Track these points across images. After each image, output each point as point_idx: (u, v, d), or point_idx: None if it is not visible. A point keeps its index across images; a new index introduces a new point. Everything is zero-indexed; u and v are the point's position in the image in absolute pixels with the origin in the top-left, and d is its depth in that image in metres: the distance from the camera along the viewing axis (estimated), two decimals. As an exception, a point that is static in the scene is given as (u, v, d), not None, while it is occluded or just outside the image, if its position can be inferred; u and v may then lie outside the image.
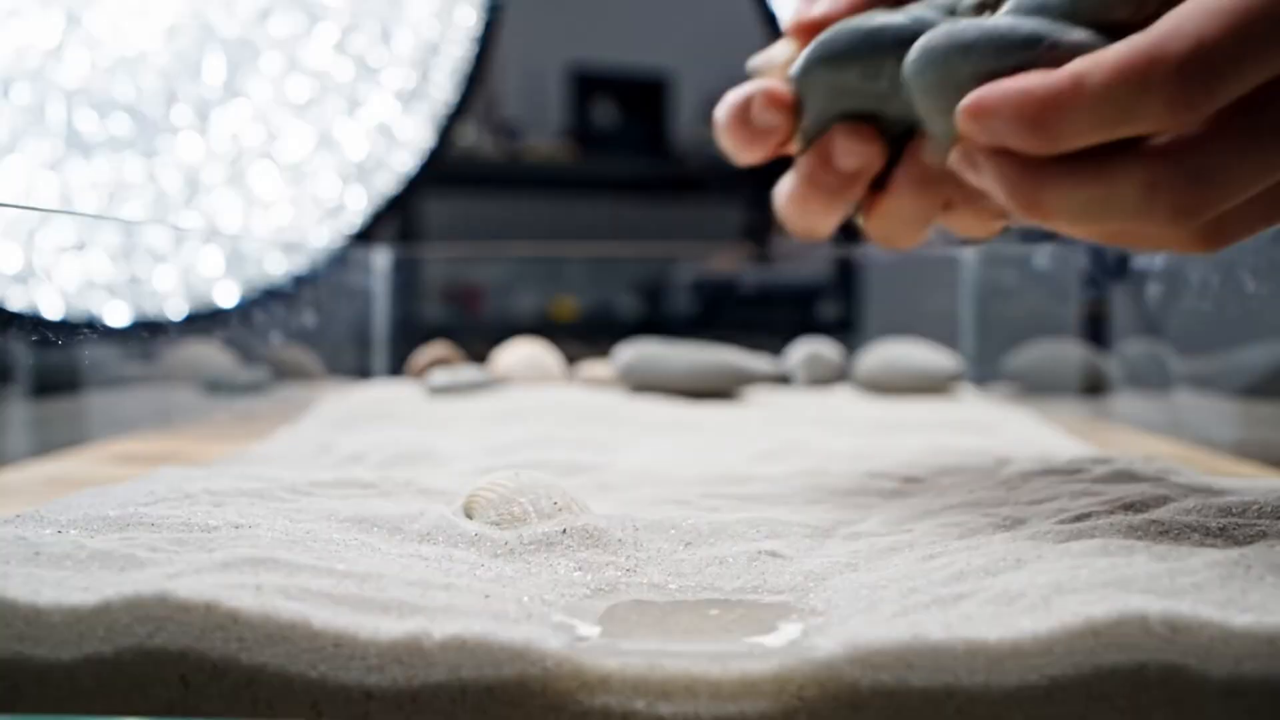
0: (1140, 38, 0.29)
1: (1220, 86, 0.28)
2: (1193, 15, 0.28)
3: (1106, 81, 0.29)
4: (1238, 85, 0.28)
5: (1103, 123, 0.29)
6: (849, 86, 0.40)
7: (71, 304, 1.11)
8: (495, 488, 0.38)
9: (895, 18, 0.38)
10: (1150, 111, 0.29)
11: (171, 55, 1.29)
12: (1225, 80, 0.28)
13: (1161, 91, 0.28)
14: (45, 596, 0.25)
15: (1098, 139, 0.30)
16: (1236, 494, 0.40)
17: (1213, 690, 0.23)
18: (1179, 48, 0.28)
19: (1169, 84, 0.28)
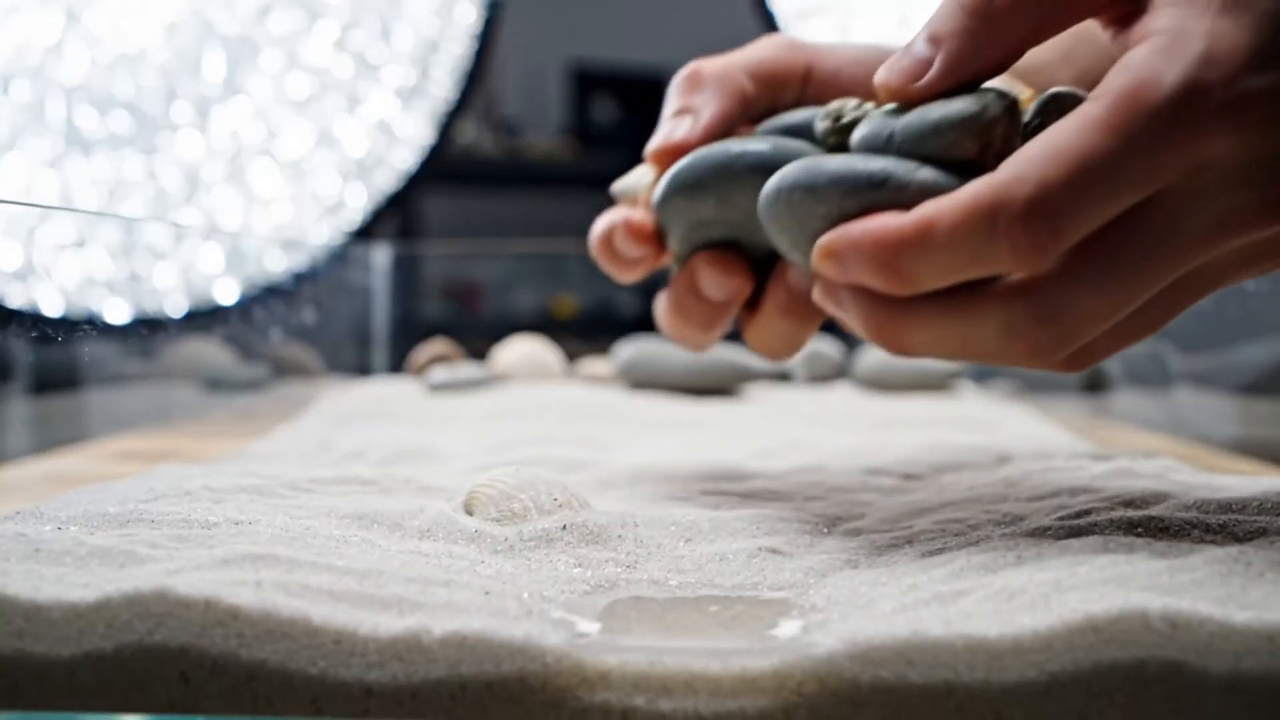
0: (985, 183, 0.29)
1: (1065, 230, 0.28)
2: (1035, 160, 0.29)
3: (954, 227, 0.29)
4: (1082, 227, 0.29)
5: (953, 266, 0.30)
6: (706, 217, 0.40)
7: (71, 301, 1.11)
8: (496, 484, 0.38)
9: (752, 145, 0.38)
10: (999, 255, 0.29)
11: (171, 52, 1.29)
12: (1070, 224, 0.28)
13: (1008, 236, 0.28)
14: (45, 593, 0.25)
15: (950, 281, 0.30)
16: (1236, 491, 0.40)
17: (1212, 686, 0.23)
18: (1023, 193, 0.28)
19: (1015, 229, 0.28)
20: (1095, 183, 0.28)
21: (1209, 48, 0.28)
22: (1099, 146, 0.28)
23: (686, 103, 0.42)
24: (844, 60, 0.45)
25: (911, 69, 0.33)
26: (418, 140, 1.46)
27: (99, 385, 0.75)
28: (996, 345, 0.31)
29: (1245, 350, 0.72)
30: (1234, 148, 0.28)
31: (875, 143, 0.34)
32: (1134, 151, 0.28)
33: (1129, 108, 0.28)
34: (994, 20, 0.32)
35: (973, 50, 0.32)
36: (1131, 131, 0.28)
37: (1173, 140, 0.28)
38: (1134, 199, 0.29)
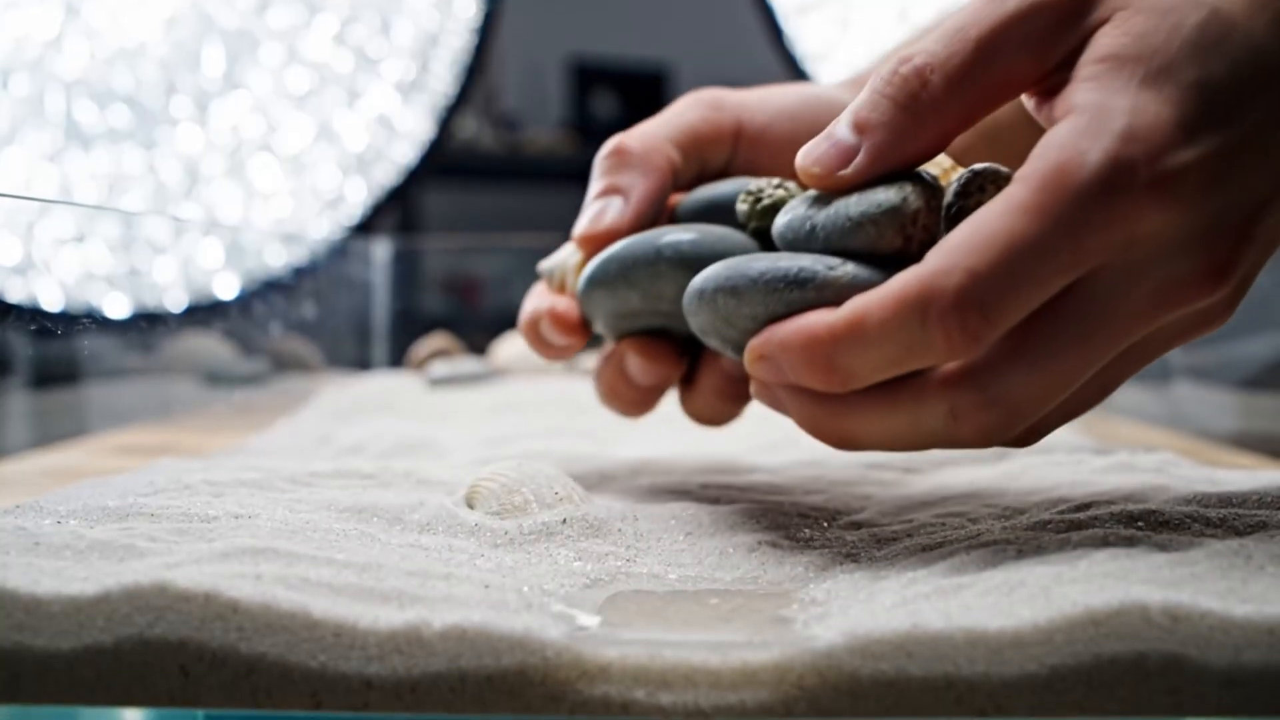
0: (914, 274, 0.29)
1: (998, 318, 0.28)
2: (962, 248, 0.28)
3: (885, 320, 0.29)
4: (1015, 313, 0.28)
5: (888, 360, 0.29)
6: (632, 309, 0.40)
7: (71, 295, 1.11)
8: (497, 477, 0.38)
9: (674, 237, 0.38)
10: (933, 347, 0.28)
11: (171, 46, 1.29)
12: (1002, 311, 0.28)
13: (940, 328, 0.28)
14: (45, 586, 0.25)
15: (887, 375, 0.30)
16: (1236, 485, 0.40)
17: (1213, 680, 0.23)
18: (952, 283, 0.28)
19: (947, 320, 0.28)
20: (1024, 268, 0.28)
21: (1131, 123, 0.28)
22: (1026, 231, 0.28)
23: (613, 182, 0.42)
24: (772, 114, 0.44)
25: (836, 158, 0.33)
26: (417, 134, 1.46)
27: (98, 380, 0.75)
28: (944, 431, 0.30)
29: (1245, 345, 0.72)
30: (1164, 223, 0.28)
31: (797, 235, 0.34)
32: (1061, 234, 0.28)
33: (1054, 190, 0.28)
34: (921, 112, 0.32)
35: (899, 141, 0.32)
36: (1058, 214, 0.28)
37: (1100, 220, 0.28)
38: (1066, 280, 0.28)
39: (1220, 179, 0.29)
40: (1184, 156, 0.28)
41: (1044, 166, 0.28)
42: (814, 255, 0.33)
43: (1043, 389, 0.29)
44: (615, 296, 0.39)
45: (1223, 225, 0.29)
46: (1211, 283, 0.29)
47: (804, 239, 0.34)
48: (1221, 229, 0.29)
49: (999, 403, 0.29)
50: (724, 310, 0.33)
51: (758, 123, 0.44)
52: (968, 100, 0.32)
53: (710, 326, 0.35)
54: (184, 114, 1.30)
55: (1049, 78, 0.32)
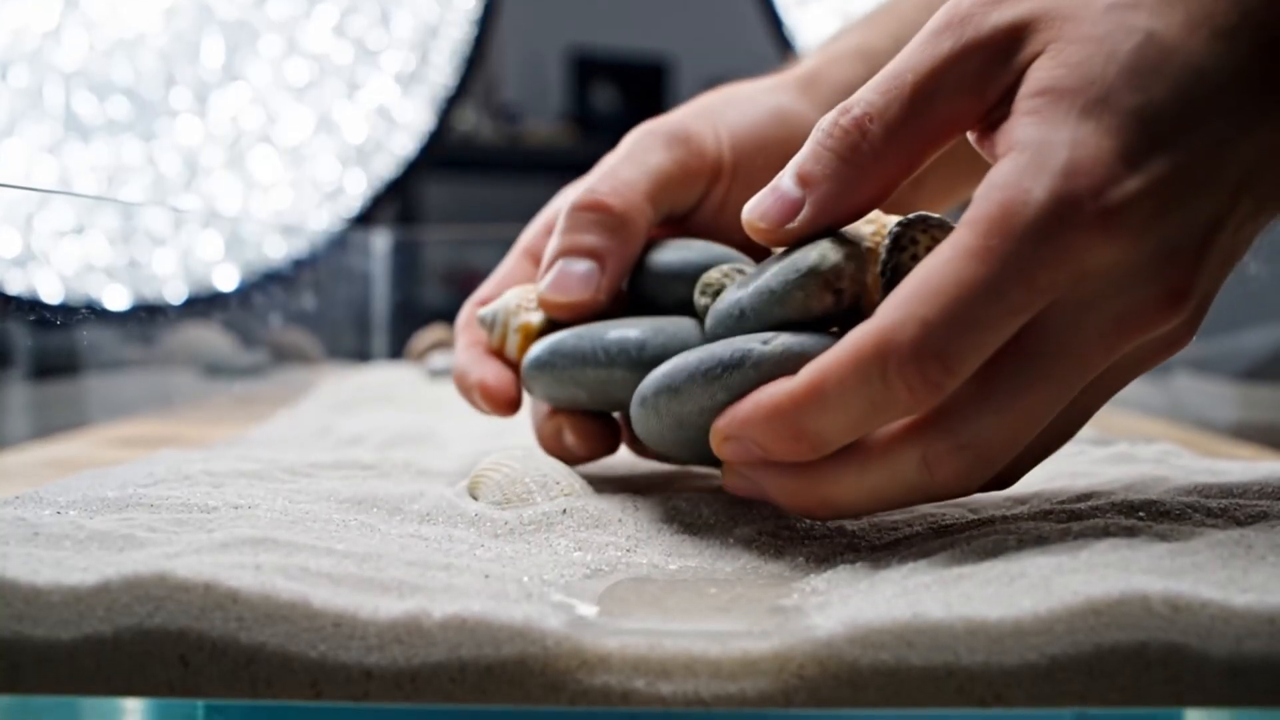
0: (867, 330, 0.29)
1: (956, 365, 0.28)
2: (913, 298, 0.28)
3: (845, 379, 0.29)
4: (974, 357, 0.28)
5: (854, 419, 0.29)
6: (575, 401, 0.40)
7: (71, 287, 1.11)
8: (501, 467, 0.38)
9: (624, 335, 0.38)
10: (896, 400, 0.28)
11: (170, 37, 1.28)
12: (959, 357, 0.28)
13: (900, 380, 0.28)
14: (44, 576, 0.25)
15: (855, 434, 0.30)
16: (1236, 475, 0.40)
17: (1213, 669, 0.23)
18: (906, 335, 0.28)
19: (906, 371, 0.28)
20: (977, 312, 0.28)
21: (1072, 157, 0.28)
22: (975, 275, 0.28)
23: (588, 243, 0.41)
24: (743, 147, 0.44)
25: (781, 212, 0.33)
26: (417, 126, 1.45)
27: (98, 371, 0.75)
28: (919, 482, 0.30)
29: (1244, 336, 0.72)
30: (1115, 254, 0.28)
31: (729, 321, 0.34)
32: (1011, 275, 0.27)
33: (1000, 231, 0.28)
34: (863, 163, 0.32)
35: (843, 192, 0.32)
36: (1005, 255, 0.27)
37: (1049, 258, 0.27)
38: (1021, 320, 0.28)
39: (1169, 204, 0.28)
40: (1129, 186, 0.28)
41: (988, 208, 0.28)
42: (747, 335, 0.33)
43: (1012, 429, 0.29)
44: (561, 388, 0.39)
45: (1176, 250, 0.29)
46: (1170, 308, 0.29)
47: (736, 322, 0.34)
48: (1175, 253, 0.29)
49: (970, 446, 0.29)
50: (669, 412, 0.34)
51: (727, 161, 0.44)
52: (909, 147, 0.32)
53: (661, 431, 0.35)
54: (183, 105, 1.30)
55: (990, 114, 0.31)
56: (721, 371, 0.32)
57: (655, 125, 0.44)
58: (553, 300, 0.41)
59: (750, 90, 0.47)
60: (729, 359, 0.32)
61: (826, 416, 0.29)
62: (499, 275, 0.47)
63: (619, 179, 0.42)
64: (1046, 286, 0.28)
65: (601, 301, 0.41)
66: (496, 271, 0.48)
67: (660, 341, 0.37)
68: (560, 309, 0.41)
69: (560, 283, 0.41)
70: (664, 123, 0.44)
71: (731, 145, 0.44)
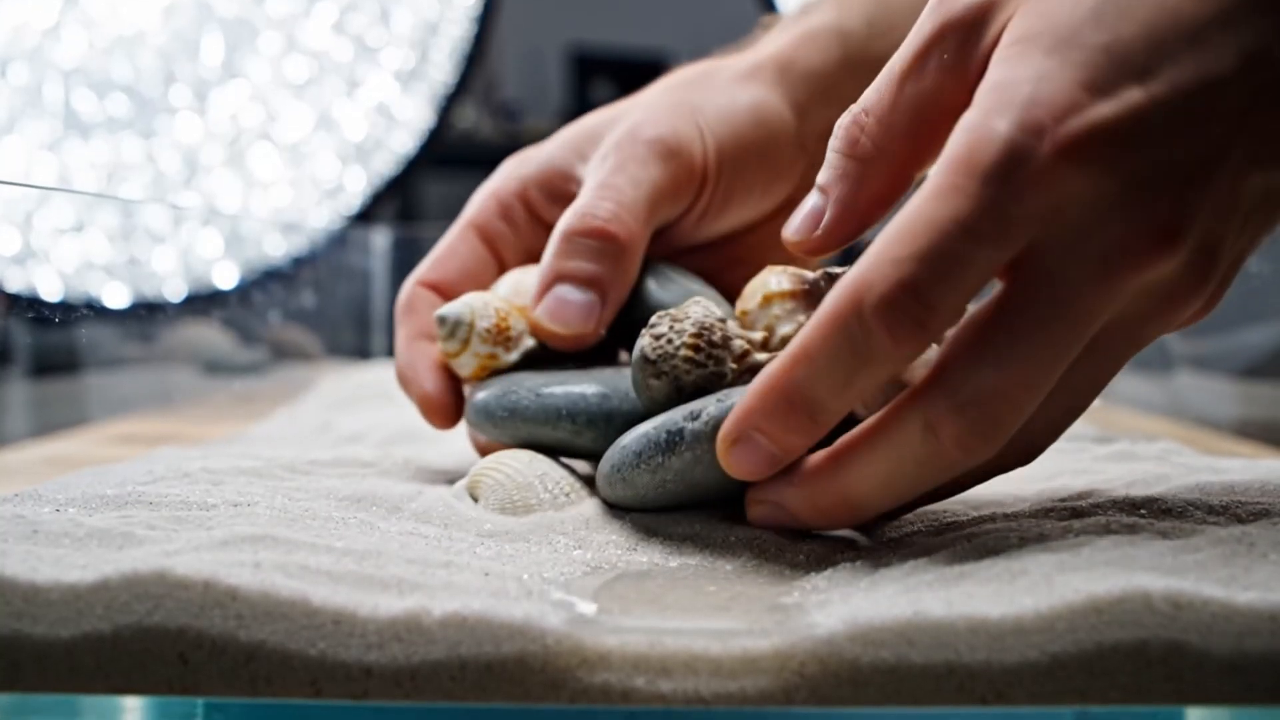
0: (843, 283, 0.29)
1: (935, 300, 0.27)
2: (883, 243, 0.28)
3: (826, 335, 0.29)
4: (953, 295, 0.28)
5: (845, 375, 0.29)
6: (523, 443, 0.40)
7: (70, 285, 1.11)
8: (501, 466, 0.37)
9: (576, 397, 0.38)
10: (880, 345, 0.28)
11: (169, 35, 1.28)
12: (937, 294, 0.27)
13: (879, 322, 0.28)
14: (43, 574, 0.25)
15: (852, 392, 0.29)
16: (1238, 473, 0.40)
17: (1215, 667, 0.23)
18: (879, 277, 0.28)
19: (883, 313, 0.28)
20: (949, 247, 0.27)
21: (1035, 91, 0.28)
22: (943, 212, 0.27)
23: (592, 271, 0.41)
24: (729, 152, 0.44)
25: (808, 221, 0.34)
26: (417, 123, 1.45)
27: (98, 369, 0.75)
28: (927, 452, 0.29)
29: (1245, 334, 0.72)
30: (1085, 183, 0.27)
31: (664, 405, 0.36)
32: (980, 208, 0.27)
33: (966, 167, 0.27)
34: (866, 156, 0.32)
35: (856, 187, 0.33)
36: (971, 190, 0.27)
37: (1018, 188, 0.27)
38: (998, 256, 0.28)
39: (1143, 136, 0.28)
40: (1096, 113, 0.27)
41: (955, 150, 0.28)
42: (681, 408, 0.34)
43: (1012, 384, 0.28)
44: (510, 438, 0.40)
45: (1156, 184, 0.28)
46: (1158, 246, 0.28)
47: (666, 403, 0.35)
48: (1155, 188, 0.28)
49: (972, 404, 0.28)
50: (632, 486, 0.35)
51: (712, 170, 0.44)
52: (906, 133, 0.32)
53: (636, 501, 0.35)
54: (183, 103, 1.29)
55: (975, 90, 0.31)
56: (661, 456, 0.33)
57: (643, 130, 0.43)
58: (549, 329, 0.41)
59: (727, 78, 0.47)
60: (664, 443, 0.33)
61: (817, 378, 0.29)
62: (442, 251, 0.46)
63: (620, 201, 0.41)
64: (1019, 219, 0.27)
65: (600, 335, 0.41)
66: (439, 246, 0.47)
67: (613, 405, 0.38)
68: (556, 339, 0.41)
69: (559, 312, 0.41)
70: (652, 127, 0.43)
71: (716, 152, 0.44)
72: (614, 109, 0.47)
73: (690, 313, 0.36)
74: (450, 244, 0.47)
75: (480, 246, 0.46)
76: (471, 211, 0.47)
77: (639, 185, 0.42)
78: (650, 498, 0.35)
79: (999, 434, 0.29)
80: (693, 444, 0.33)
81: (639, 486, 0.34)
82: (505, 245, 0.47)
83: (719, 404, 0.33)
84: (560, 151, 0.46)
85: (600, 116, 0.47)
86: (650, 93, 0.47)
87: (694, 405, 0.33)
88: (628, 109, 0.46)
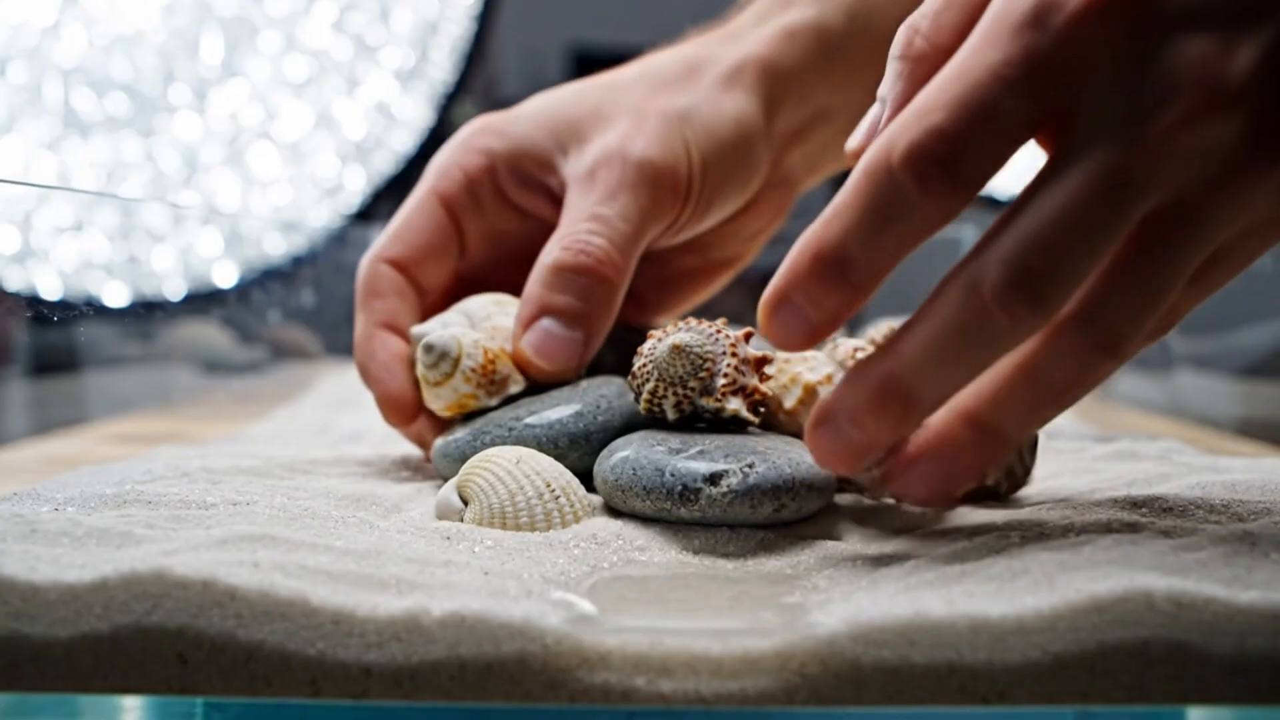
0: (873, 144, 0.29)
1: (962, 144, 0.27)
2: (914, 102, 0.28)
3: (856, 188, 0.28)
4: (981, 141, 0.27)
5: (877, 228, 0.28)
6: None
7: (70, 284, 1.11)
8: (492, 469, 0.36)
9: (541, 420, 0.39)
10: (908, 193, 0.27)
11: (169, 34, 1.28)
12: (965, 137, 0.27)
13: (907, 169, 0.27)
14: (42, 573, 0.25)
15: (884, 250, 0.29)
16: (1239, 472, 0.40)
17: (1217, 667, 0.23)
18: (906, 124, 0.28)
19: (910, 159, 0.27)
20: (977, 95, 0.27)
21: None
22: (972, 61, 0.28)
23: (576, 308, 0.41)
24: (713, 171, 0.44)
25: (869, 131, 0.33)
26: (417, 122, 1.45)
27: (97, 368, 0.75)
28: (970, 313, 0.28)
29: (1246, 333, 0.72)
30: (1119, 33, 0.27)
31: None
32: (1009, 55, 0.27)
33: (998, 20, 0.28)
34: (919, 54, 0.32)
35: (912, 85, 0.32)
36: (1003, 39, 0.27)
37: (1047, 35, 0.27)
38: (1028, 107, 0.27)
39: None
40: None
41: (991, 9, 0.28)
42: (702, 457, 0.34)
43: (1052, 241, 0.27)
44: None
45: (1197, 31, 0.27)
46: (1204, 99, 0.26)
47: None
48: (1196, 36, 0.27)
49: (1012, 259, 0.27)
50: (634, 508, 0.35)
51: (695, 191, 0.44)
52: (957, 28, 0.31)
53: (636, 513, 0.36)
54: (182, 102, 1.29)
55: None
56: (669, 503, 0.34)
57: (631, 149, 0.43)
58: (535, 362, 0.41)
59: (712, 81, 0.46)
60: (677, 494, 0.34)
61: (846, 233, 0.29)
62: (404, 223, 0.45)
63: (612, 239, 0.42)
64: (1049, 66, 0.27)
65: (581, 369, 0.41)
66: (401, 217, 0.46)
67: (589, 420, 0.39)
68: (540, 374, 0.41)
69: (545, 347, 0.41)
70: (640, 146, 0.43)
71: (701, 169, 0.44)
72: (593, 93, 0.47)
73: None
74: (413, 215, 0.45)
75: (444, 219, 0.45)
76: (436, 181, 0.46)
77: (629, 220, 0.42)
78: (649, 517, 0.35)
79: (1041, 293, 0.27)
80: (706, 506, 0.33)
81: (637, 510, 0.35)
82: (469, 222, 0.46)
83: (741, 474, 0.33)
84: (537, 134, 0.45)
85: (580, 102, 0.46)
86: (636, 90, 0.46)
87: (715, 467, 0.33)
88: (610, 107, 0.45)
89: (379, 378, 0.43)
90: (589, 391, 0.40)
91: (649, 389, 0.37)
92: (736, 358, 0.36)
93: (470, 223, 0.46)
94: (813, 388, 0.38)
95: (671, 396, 0.36)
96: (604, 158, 0.43)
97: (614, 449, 0.36)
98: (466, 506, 0.35)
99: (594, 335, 0.41)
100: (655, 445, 0.35)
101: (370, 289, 0.45)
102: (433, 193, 0.45)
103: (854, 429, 0.29)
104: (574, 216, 0.42)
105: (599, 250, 0.41)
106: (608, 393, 0.40)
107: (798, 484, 0.33)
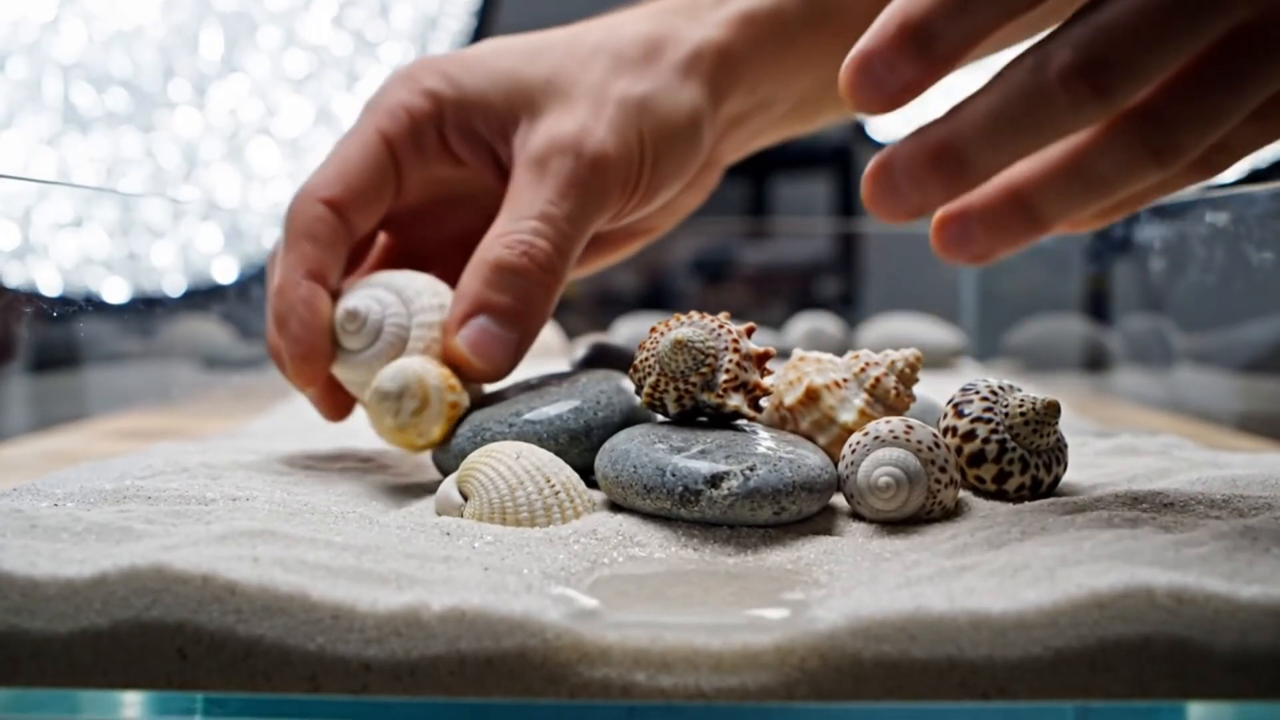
0: None
1: None
2: None
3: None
4: None
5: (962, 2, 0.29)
6: None
7: (69, 280, 1.11)
8: (492, 464, 0.36)
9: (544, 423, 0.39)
10: None
11: (169, 29, 1.28)
12: None
13: None
14: (41, 569, 0.25)
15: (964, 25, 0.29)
16: (1240, 467, 0.40)
17: (1218, 662, 0.23)
18: None
19: None
20: None
21: None
22: None
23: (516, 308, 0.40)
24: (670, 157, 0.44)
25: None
26: (416, 118, 1.45)
27: (97, 364, 0.75)
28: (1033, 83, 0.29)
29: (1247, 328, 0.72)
30: None
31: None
32: None
33: None
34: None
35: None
36: None
37: None
38: None
39: None
40: None
41: None
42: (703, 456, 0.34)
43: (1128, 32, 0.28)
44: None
45: None
46: None
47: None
48: None
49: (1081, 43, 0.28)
50: (633, 503, 0.35)
51: (645, 182, 0.44)
52: None
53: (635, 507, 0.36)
54: (182, 97, 1.29)
55: None
56: (670, 503, 0.34)
57: (588, 143, 0.42)
58: (469, 360, 0.40)
59: (672, 65, 0.45)
60: (678, 495, 0.33)
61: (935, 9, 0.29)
62: (344, 159, 0.43)
63: (557, 243, 0.41)
64: None
65: (512, 371, 0.41)
66: (342, 150, 0.43)
67: (588, 415, 0.39)
68: (473, 371, 0.40)
69: (482, 345, 0.40)
70: (597, 140, 0.42)
71: (653, 162, 0.43)
72: (551, 55, 0.45)
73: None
74: (355, 153, 0.43)
75: (386, 161, 0.43)
76: (380, 120, 0.44)
77: (575, 223, 0.41)
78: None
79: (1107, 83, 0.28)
80: (707, 507, 0.33)
81: (638, 507, 0.35)
82: (409, 166, 0.44)
83: (742, 476, 0.33)
84: (492, 93, 0.43)
85: (536, 64, 0.44)
86: (596, 66, 0.44)
87: (717, 468, 0.33)
88: (569, 82, 0.44)
89: (297, 337, 0.40)
90: (588, 387, 0.40)
91: (650, 383, 0.37)
92: (739, 354, 0.36)
93: (410, 167, 0.44)
94: (816, 390, 0.38)
95: (673, 391, 0.36)
96: (558, 145, 0.42)
97: (614, 445, 0.36)
98: (466, 502, 0.35)
99: (529, 336, 0.41)
100: (656, 443, 0.35)
101: (304, 230, 0.42)
102: (377, 133, 0.43)
103: (907, 181, 0.31)
104: (520, 209, 0.41)
105: (542, 255, 0.40)
106: (607, 388, 0.40)
107: (798, 488, 0.33)
